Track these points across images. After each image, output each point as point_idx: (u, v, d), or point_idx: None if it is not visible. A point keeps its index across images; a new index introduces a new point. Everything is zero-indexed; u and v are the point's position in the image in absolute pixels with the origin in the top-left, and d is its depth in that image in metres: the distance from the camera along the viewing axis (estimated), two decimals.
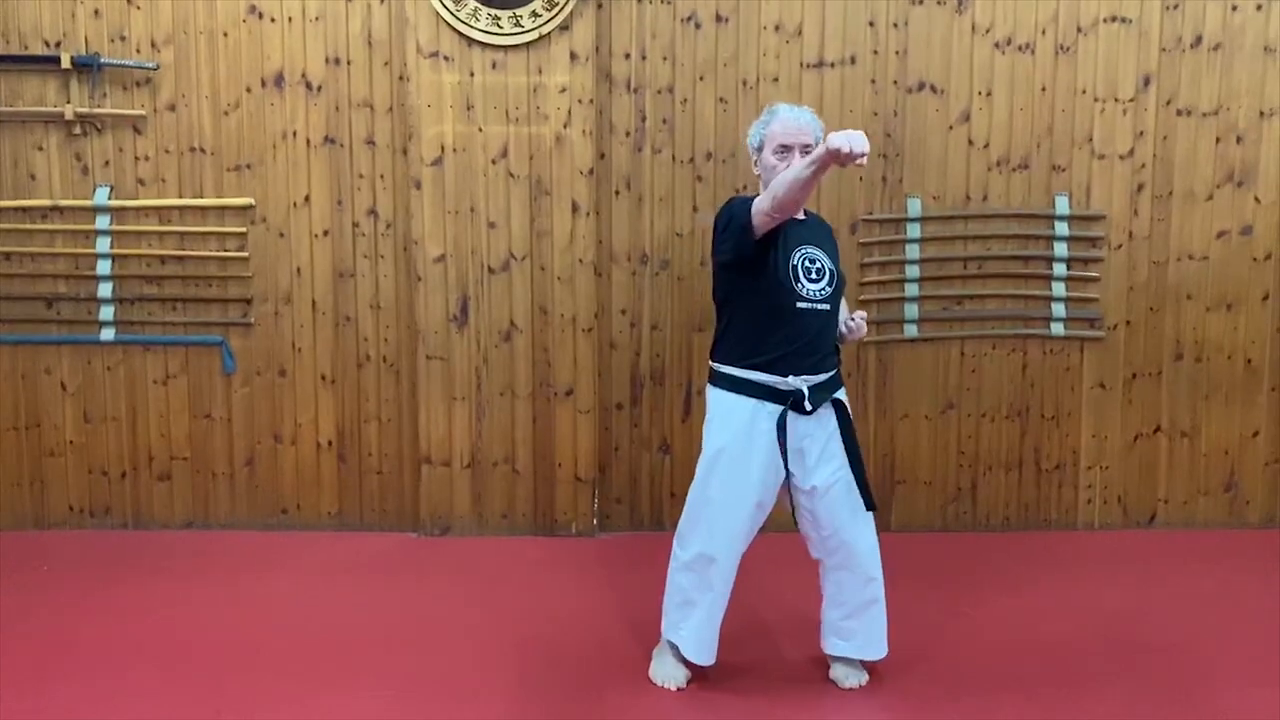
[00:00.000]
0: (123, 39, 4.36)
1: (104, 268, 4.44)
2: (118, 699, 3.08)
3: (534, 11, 4.21)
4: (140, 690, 3.13)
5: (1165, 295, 4.53)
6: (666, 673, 3.18)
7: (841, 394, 3.10)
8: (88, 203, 4.41)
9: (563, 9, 4.20)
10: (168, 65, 4.37)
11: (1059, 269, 4.48)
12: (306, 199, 4.44)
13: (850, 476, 3.05)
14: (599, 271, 4.44)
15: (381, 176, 4.43)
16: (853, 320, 3.12)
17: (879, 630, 3.15)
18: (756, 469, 3.01)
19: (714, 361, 3.11)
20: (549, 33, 4.24)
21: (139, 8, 4.34)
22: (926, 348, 4.54)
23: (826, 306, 3.01)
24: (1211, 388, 4.58)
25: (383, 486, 4.59)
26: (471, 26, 4.22)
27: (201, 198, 4.44)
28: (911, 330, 4.50)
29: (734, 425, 3.02)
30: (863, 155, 2.60)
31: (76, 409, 4.53)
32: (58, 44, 4.35)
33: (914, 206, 4.46)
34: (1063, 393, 4.56)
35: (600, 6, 4.32)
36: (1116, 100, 4.43)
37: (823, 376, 3.02)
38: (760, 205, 2.89)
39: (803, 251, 3.01)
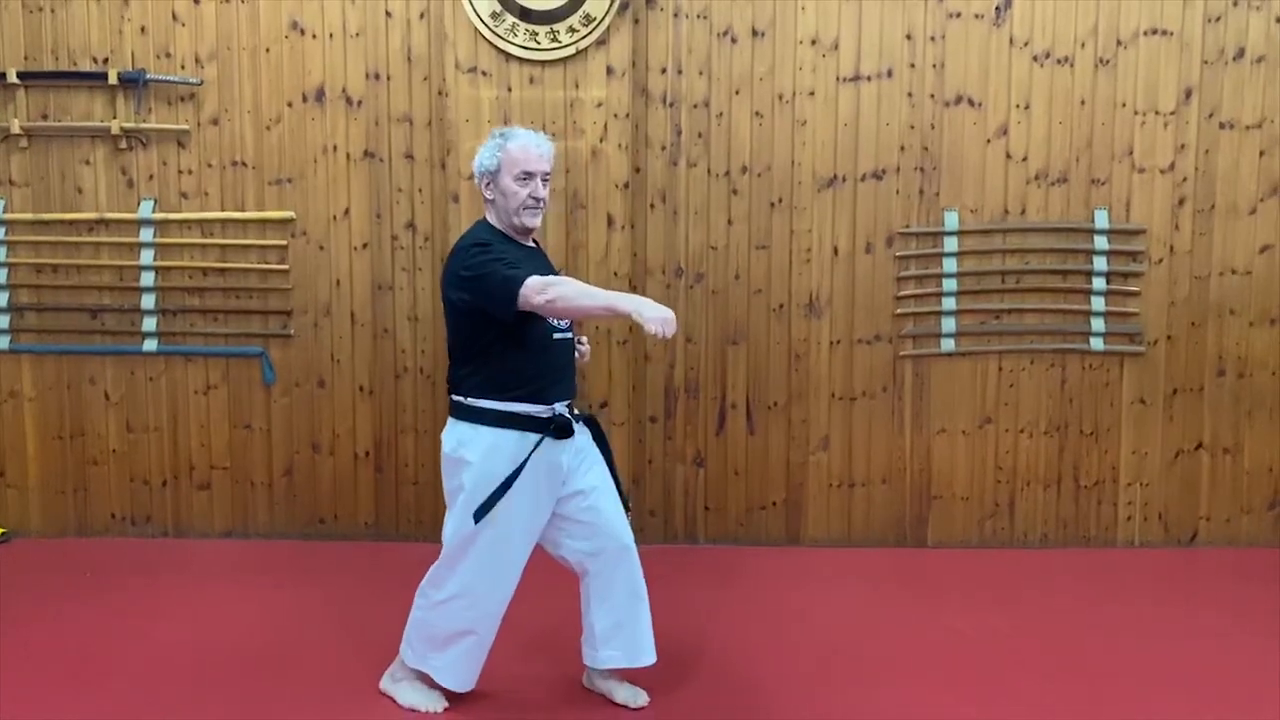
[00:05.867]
0: (168, 55, 4.44)
1: (148, 279, 4.51)
2: (154, 705, 3.12)
3: (571, 27, 4.24)
4: (178, 697, 3.16)
5: (1207, 310, 4.47)
6: (417, 698, 3.11)
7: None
8: (133, 216, 4.49)
9: (600, 24, 4.23)
10: (211, 81, 4.44)
11: (1098, 283, 4.43)
12: (346, 212, 4.49)
13: (611, 479, 3.10)
14: (634, 284, 4.45)
15: (420, 190, 4.47)
16: (581, 344, 3.17)
17: (646, 634, 3.11)
18: (528, 501, 2.95)
19: (464, 396, 2.98)
20: (586, 48, 4.26)
21: (184, 25, 4.42)
22: (964, 362, 4.50)
23: (570, 334, 3.06)
24: (1255, 404, 4.51)
25: (419, 497, 4.62)
26: (509, 42, 4.26)
27: (243, 211, 4.50)
28: (949, 344, 4.47)
29: (500, 461, 2.92)
30: (663, 335, 2.66)
31: (119, 418, 4.60)
32: (105, 60, 4.44)
33: (951, 220, 4.43)
34: (1102, 408, 4.51)
35: (637, 22, 4.34)
36: (1157, 113, 4.39)
37: (571, 399, 3.07)
38: (537, 296, 2.77)
39: (545, 277, 2.96)
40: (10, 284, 4.55)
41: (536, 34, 4.25)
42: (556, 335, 3.00)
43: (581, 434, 3.07)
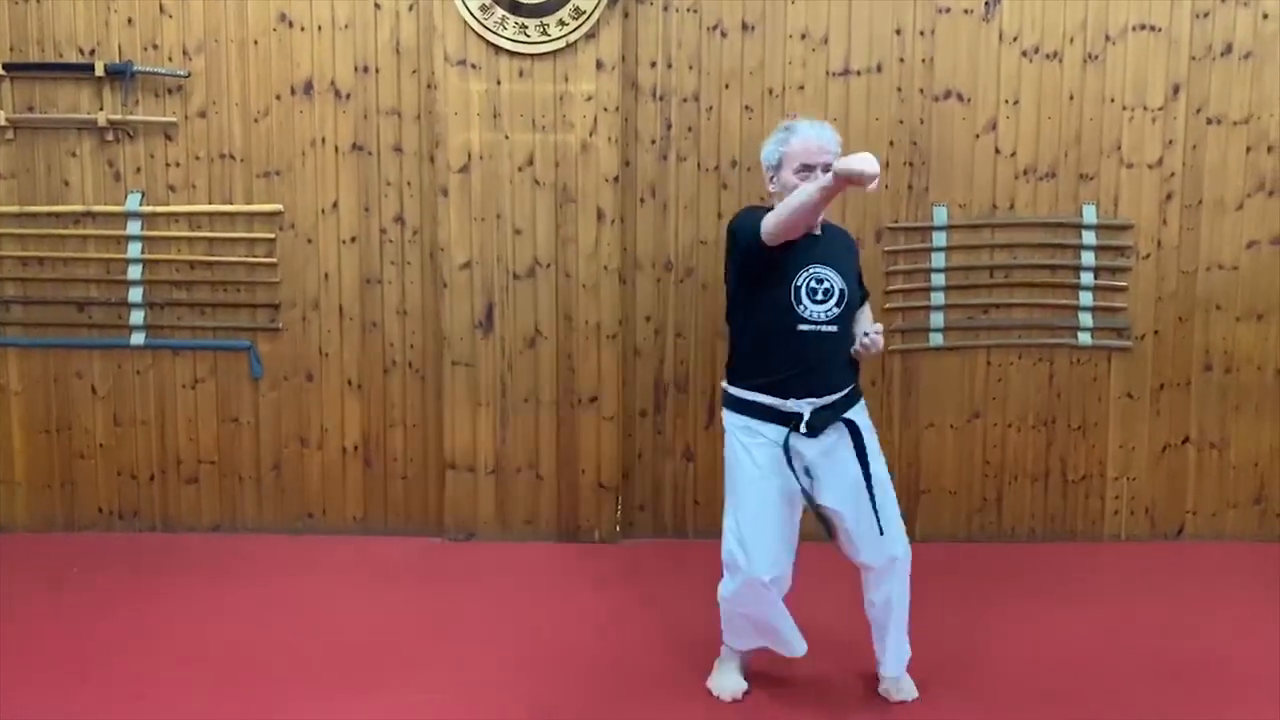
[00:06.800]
0: (155, 47, 4.41)
1: (135, 273, 4.49)
2: (143, 700, 3.11)
3: (561, 20, 4.23)
4: (166, 692, 3.16)
5: (1194, 305, 4.49)
6: (723, 684, 3.16)
7: (855, 413, 3.02)
8: (119, 208, 4.47)
9: (589, 18, 4.22)
10: (199, 73, 4.42)
11: (1086, 278, 4.45)
12: (334, 205, 4.48)
13: (866, 496, 2.99)
14: (624, 279, 4.45)
15: (409, 183, 4.46)
16: (867, 337, 2.98)
17: (896, 644, 3.11)
18: (774, 487, 2.97)
19: (724, 383, 3.09)
20: (576, 41, 4.26)
21: (171, 16, 4.39)
22: (952, 357, 4.52)
23: (833, 328, 2.95)
24: (1241, 399, 4.53)
25: (407, 491, 4.61)
26: (499, 35, 4.25)
27: (231, 204, 4.48)
28: (937, 339, 4.48)
29: (746, 447, 2.98)
30: (875, 179, 2.54)
31: (106, 412, 4.58)
32: (91, 52, 4.41)
33: (940, 215, 4.44)
34: (1090, 403, 4.53)
35: (627, 15, 4.33)
36: (1145, 109, 4.40)
37: (830, 398, 2.96)
38: (767, 225, 2.84)
39: (809, 271, 2.95)
40: None
41: (526, 27, 4.24)
42: (803, 326, 2.92)
43: (832, 442, 2.97)
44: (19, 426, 4.59)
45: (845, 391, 3.01)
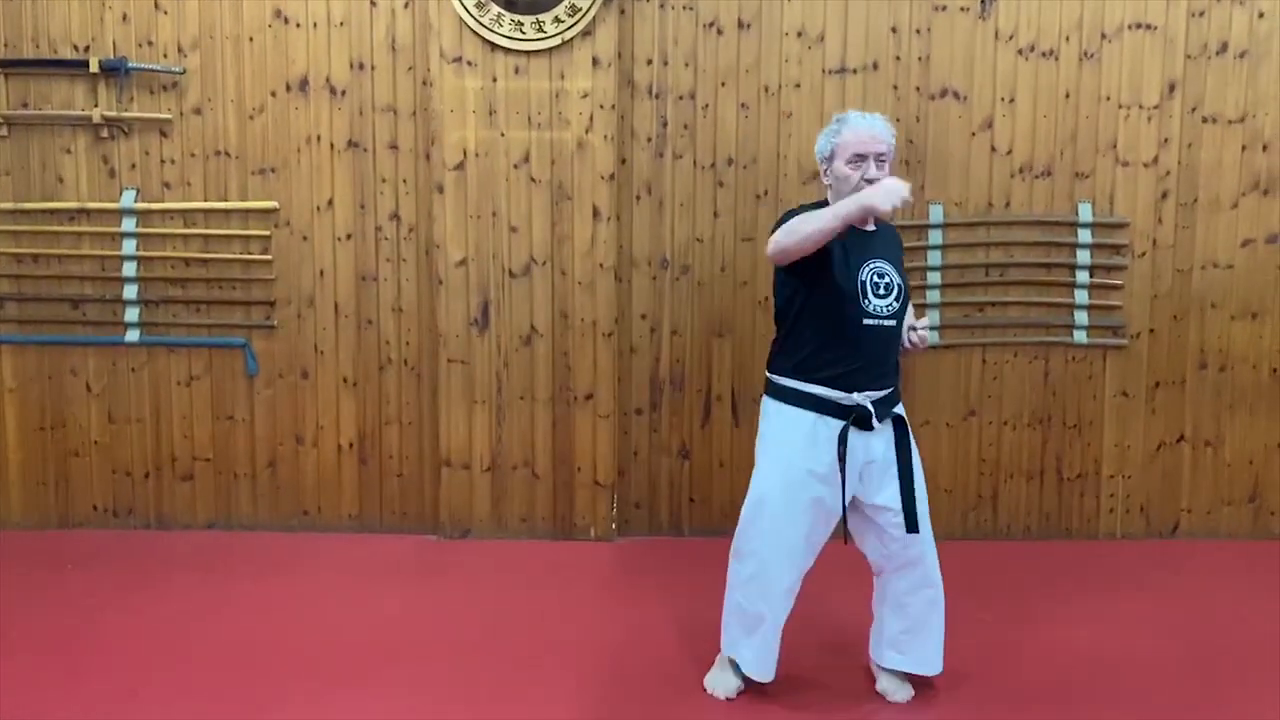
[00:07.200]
0: (150, 44, 4.40)
1: (129, 270, 4.48)
2: (138, 698, 3.11)
3: (557, 17, 4.22)
4: (160, 690, 3.15)
5: (1189, 304, 4.50)
6: (717, 681, 3.15)
7: (900, 409, 3.04)
8: (114, 205, 4.46)
9: (585, 15, 4.22)
10: (194, 70, 4.41)
11: (1082, 276, 4.45)
12: (330, 203, 4.47)
13: (908, 492, 3.00)
14: (619, 276, 4.45)
15: (404, 181, 4.46)
16: (915, 333, 3.02)
17: (935, 645, 3.11)
18: (817, 483, 2.95)
19: (772, 374, 3.05)
20: (571, 38, 4.25)
21: (166, 13, 4.38)
22: (948, 355, 4.52)
23: (893, 322, 2.95)
24: (1236, 397, 4.54)
25: (403, 489, 4.61)
26: (494, 32, 4.24)
27: (226, 201, 4.47)
28: (933, 337, 4.49)
29: (794, 439, 2.96)
30: (900, 206, 2.64)
31: (101, 409, 4.57)
32: (86, 48, 4.40)
33: (936, 213, 4.44)
34: (1085, 401, 4.53)
35: (623, 12, 4.33)
36: (1141, 107, 4.41)
37: (885, 392, 2.97)
38: (778, 240, 2.82)
39: (872, 266, 2.94)
40: None
41: (522, 24, 4.23)
42: (868, 321, 2.91)
43: (885, 437, 2.97)
44: (13, 423, 4.58)
45: (895, 387, 3.03)
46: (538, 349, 4.43)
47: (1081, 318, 4.48)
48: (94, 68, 4.35)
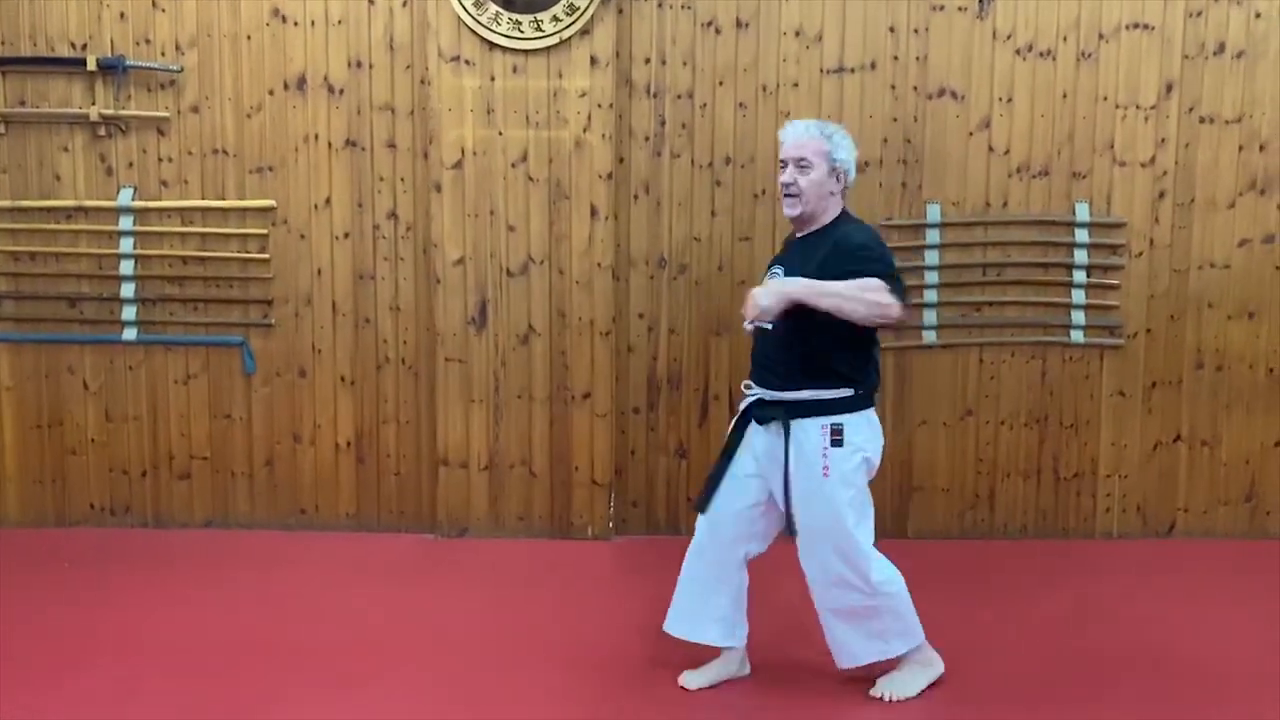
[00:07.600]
0: (147, 42, 4.40)
1: (127, 268, 4.47)
2: (136, 696, 3.10)
3: (555, 16, 4.22)
4: (157, 688, 3.15)
5: (1186, 303, 4.51)
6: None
7: (811, 423, 3.00)
8: (111, 203, 4.45)
9: (583, 14, 4.22)
10: (191, 68, 4.41)
11: (1079, 276, 4.46)
12: (327, 201, 4.47)
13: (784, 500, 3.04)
14: (617, 275, 4.45)
15: (402, 179, 4.46)
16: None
17: (836, 640, 3.13)
18: (738, 468, 3.13)
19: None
20: (569, 37, 4.25)
21: (164, 11, 4.38)
22: (945, 354, 4.52)
23: (768, 326, 3.00)
24: (1232, 397, 4.55)
25: (400, 488, 4.61)
26: (493, 31, 4.24)
27: (223, 199, 4.47)
28: (930, 336, 4.49)
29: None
30: (763, 317, 2.85)
31: (98, 408, 4.57)
32: (84, 46, 4.39)
33: (933, 213, 4.45)
34: (1082, 400, 4.54)
35: (621, 12, 4.33)
36: (1138, 107, 4.41)
37: (775, 394, 3.03)
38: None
39: (772, 271, 3.11)
40: None
41: (520, 23, 4.23)
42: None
43: (777, 441, 3.02)
44: (10, 422, 4.58)
45: (793, 395, 3.01)
46: (535, 348, 4.43)
47: (1078, 317, 4.48)
48: (91, 65, 4.35)
